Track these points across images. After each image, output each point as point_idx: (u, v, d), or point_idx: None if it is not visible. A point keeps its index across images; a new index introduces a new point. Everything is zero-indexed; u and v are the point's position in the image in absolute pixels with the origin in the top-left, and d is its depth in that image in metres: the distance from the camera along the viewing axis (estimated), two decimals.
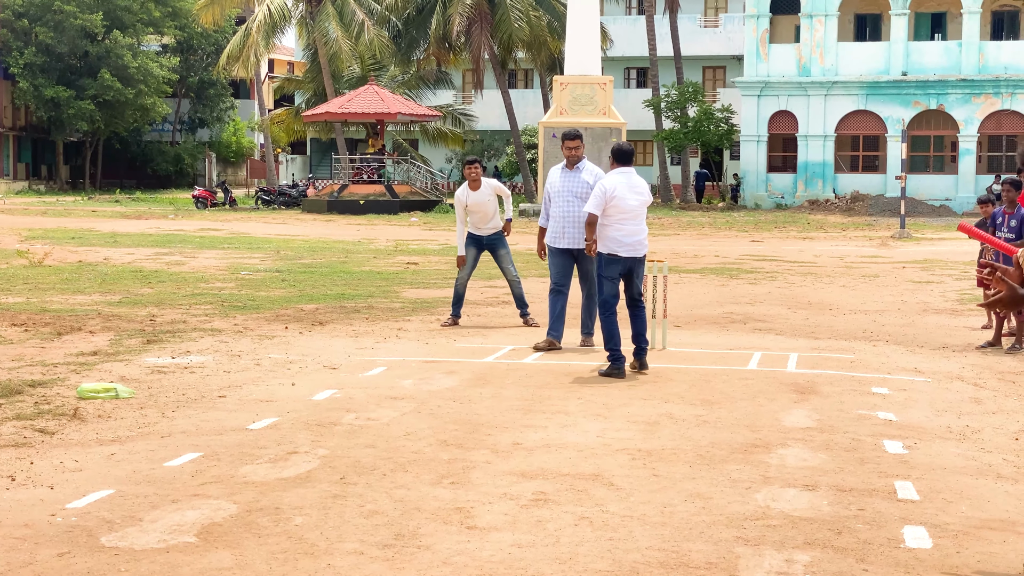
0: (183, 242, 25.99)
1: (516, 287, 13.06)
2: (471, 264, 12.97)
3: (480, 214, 12.81)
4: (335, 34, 46.58)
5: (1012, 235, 11.76)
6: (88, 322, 12.59)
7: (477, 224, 12.89)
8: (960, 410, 8.54)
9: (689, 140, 46.72)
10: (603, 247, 9.93)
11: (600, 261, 10.01)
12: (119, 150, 66.05)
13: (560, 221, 11.07)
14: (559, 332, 11.15)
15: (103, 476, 6.43)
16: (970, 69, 44.17)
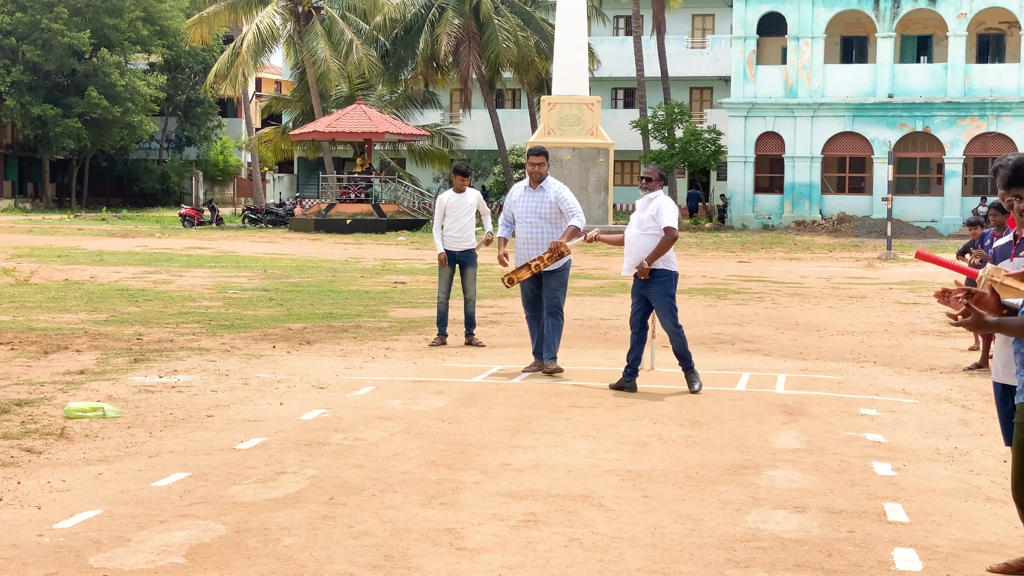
0: (170, 261, 25.93)
1: (470, 306, 13.03)
2: (448, 281, 12.97)
3: (458, 223, 12.79)
4: (323, 53, 46.63)
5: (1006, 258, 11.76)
6: (75, 341, 12.54)
7: (452, 235, 12.86)
8: (948, 432, 8.55)
9: (676, 161, 46.82)
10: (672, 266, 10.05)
11: (673, 282, 10.04)
12: (106, 168, 65.95)
13: (524, 243, 10.95)
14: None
15: (91, 496, 6.40)
16: (956, 91, 44.39)
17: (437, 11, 47.76)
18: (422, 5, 49.01)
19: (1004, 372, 5.35)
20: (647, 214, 10.05)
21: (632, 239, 10.12)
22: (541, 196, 10.91)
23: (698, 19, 61.32)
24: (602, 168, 38.97)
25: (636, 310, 10.16)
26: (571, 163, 39.03)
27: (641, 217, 10.09)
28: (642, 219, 10.08)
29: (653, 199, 10.13)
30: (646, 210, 10.08)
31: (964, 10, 44.16)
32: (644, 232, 10.03)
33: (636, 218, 10.15)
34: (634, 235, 10.10)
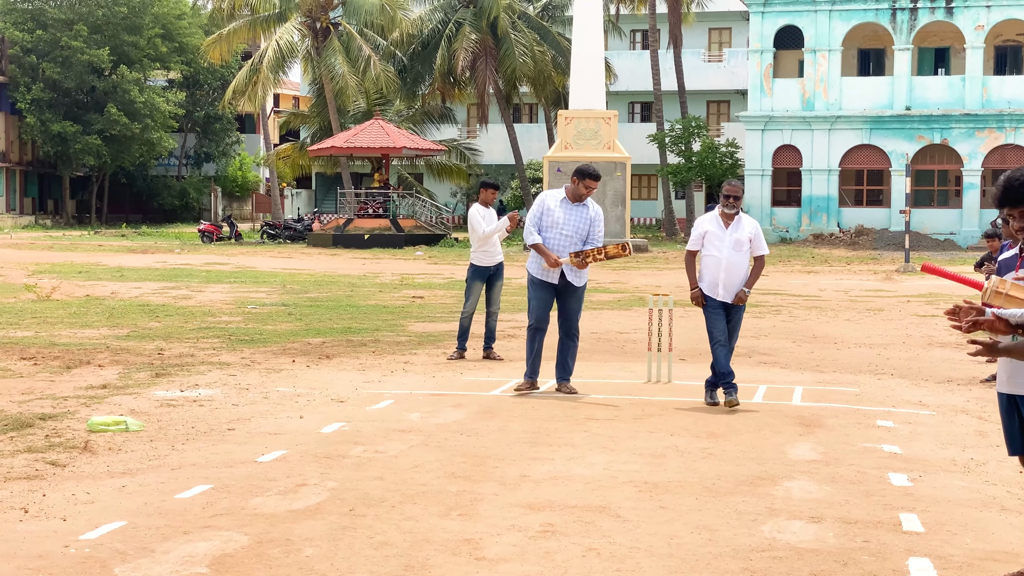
0: (189, 276, 26.09)
1: (494, 319, 13.13)
2: (476, 297, 13.05)
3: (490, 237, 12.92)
4: (341, 69, 46.86)
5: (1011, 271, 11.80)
6: (97, 356, 12.67)
7: (485, 250, 12.96)
8: (965, 443, 8.58)
9: (693, 175, 46.87)
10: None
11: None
12: (125, 184, 66.33)
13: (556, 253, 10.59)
14: (537, 371, 10.72)
15: (115, 508, 6.49)
16: (973, 104, 44.35)
17: (454, 27, 47.96)
18: (439, 21, 49.23)
19: (1009, 383, 5.39)
20: (744, 235, 9.93)
21: (730, 261, 9.90)
22: (582, 212, 10.56)
23: (715, 32, 61.44)
24: (619, 182, 39.04)
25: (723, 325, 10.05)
26: None
27: (737, 238, 9.92)
28: (740, 240, 9.93)
29: (741, 219, 10.01)
30: (739, 230, 9.94)
31: (981, 22, 44.13)
32: (744, 254, 9.95)
33: (730, 238, 9.93)
34: (731, 257, 9.90)
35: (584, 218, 10.62)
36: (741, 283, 9.96)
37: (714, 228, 10.02)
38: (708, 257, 10.03)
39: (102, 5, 59.09)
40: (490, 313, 13.11)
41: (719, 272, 9.94)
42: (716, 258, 9.94)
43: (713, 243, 9.99)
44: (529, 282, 10.70)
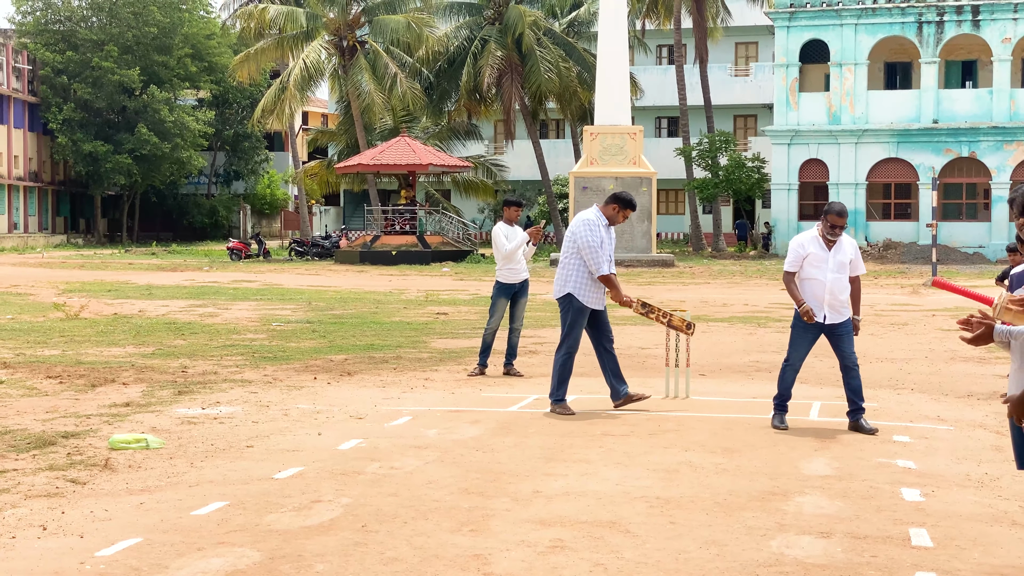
0: (217, 294, 26.29)
1: (516, 336, 13.21)
2: (501, 313, 13.12)
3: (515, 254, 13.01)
4: (367, 87, 47.14)
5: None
6: (121, 374, 12.81)
7: (512, 267, 13.05)
8: (980, 458, 8.58)
9: (721, 189, 46.88)
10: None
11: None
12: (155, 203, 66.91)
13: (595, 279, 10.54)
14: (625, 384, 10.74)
15: (132, 525, 6.59)
16: (1001, 116, 44.17)
17: (480, 43, 48.18)
18: (465, 38, 49.47)
19: None
20: (846, 257, 9.76)
21: (836, 283, 9.73)
22: (611, 234, 10.67)
23: (741, 47, 61.49)
24: (645, 197, 39.08)
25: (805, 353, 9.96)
26: None
27: (840, 260, 9.75)
28: (843, 262, 9.76)
29: (843, 240, 9.84)
30: (841, 252, 9.77)
31: (1008, 35, 43.98)
32: (844, 275, 9.75)
33: (833, 260, 9.76)
34: (835, 279, 9.72)
35: (613, 239, 10.74)
36: (844, 304, 9.75)
37: (816, 250, 9.79)
38: (810, 280, 9.78)
39: (132, 26, 59.70)
40: (513, 329, 13.19)
41: (824, 294, 9.76)
42: (820, 281, 9.76)
43: (816, 265, 9.77)
44: (577, 310, 10.51)
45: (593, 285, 10.49)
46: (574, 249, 10.52)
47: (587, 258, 10.41)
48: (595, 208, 10.71)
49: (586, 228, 10.49)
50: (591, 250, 10.40)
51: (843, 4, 45.18)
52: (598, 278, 10.47)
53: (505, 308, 13.14)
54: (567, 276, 10.57)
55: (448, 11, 51.41)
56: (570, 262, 10.56)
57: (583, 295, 10.49)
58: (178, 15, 61.43)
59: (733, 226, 55.32)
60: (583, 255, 10.45)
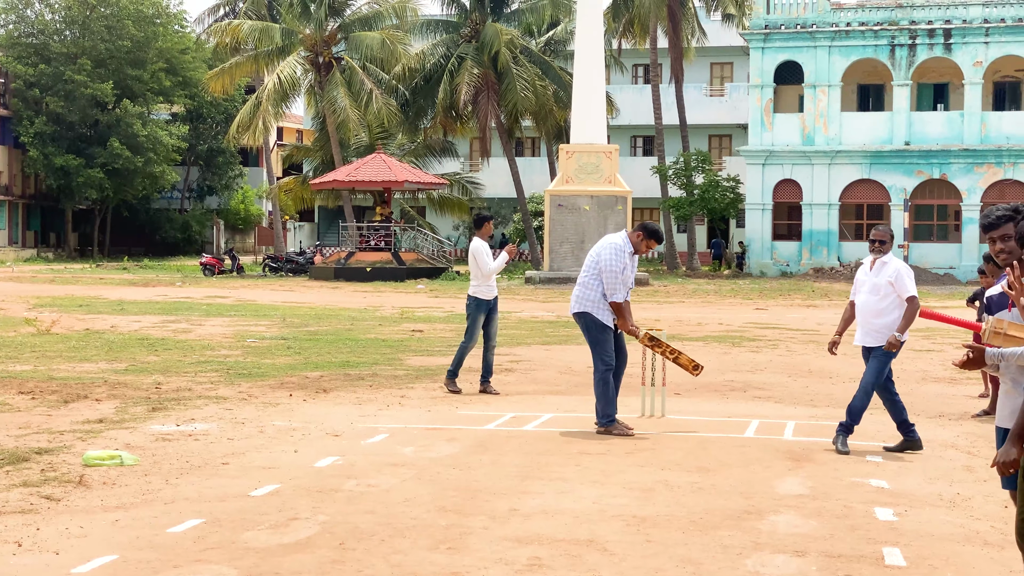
0: (190, 310, 26.20)
1: (492, 353, 13.24)
2: (479, 330, 13.15)
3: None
4: (343, 103, 47.14)
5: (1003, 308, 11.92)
6: (94, 390, 12.75)
7: (488, 283, 13.10)
8: (952, 478, 8.65)
9: (696, 208, 47.07)
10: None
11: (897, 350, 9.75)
12: (127, 218, 66.59)
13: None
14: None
15: (107, 542, 6.57)
16: (972, 139, 44.56)
17: (456, 61, 48.27)
18: (441, 55, 49.54)
19: (1011, 419, 5.40)
20: (883, 279, 9.75)
21: (866, 305, 9.80)
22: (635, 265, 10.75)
23: (716, 67, 61.83)
24: (620, 216, 39.19)
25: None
26: (589, 211, 39.29)
27: (876, 282, 9.77)
28: (878, 284, 9.76)
29: (888, 263, 9.84)
30: (881, 274, 9.78)
31: (980, 58, 44.40)
32: (881, 298, 9.73)
33: (870, 282, 9.83)
34: (869, 301, 9.79)
35: (635, 268, 10.80)
36: (881, 327, 9.70)
37: (861, 274, 9.97)
38: (855, 303, 9.97)
39: (106, 39, 59.50)
40: (489, 347, 13.21)
41: (859, 316, 9.89)
42: (858, 303, 9.93)
43: (859, 288, 9.93)
44: (598, 327, 10.53)
45: (606, 305, 10.53)
46: (595, 271, 10.54)
47: (606, 281, 10.45)
48: (624, 234, 10.72)
49: (612, 252, 10.51)
50: (612, 275, 10.44)
51: (817, 26, 45.52)
52: (609, 303, 10.48)
53: (481, 323, 13.18)
54: (585, 295, 10.57)
55: (425, 28, 51.49)
56: (590, 282, 10.58)
57: (600, 314, 10.53)
58: (152, 29, 61.25)
59: (708, 245, 55.56)
60: (603, 277, 10.47)
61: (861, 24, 45.37)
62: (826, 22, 45.57)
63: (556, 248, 39.70)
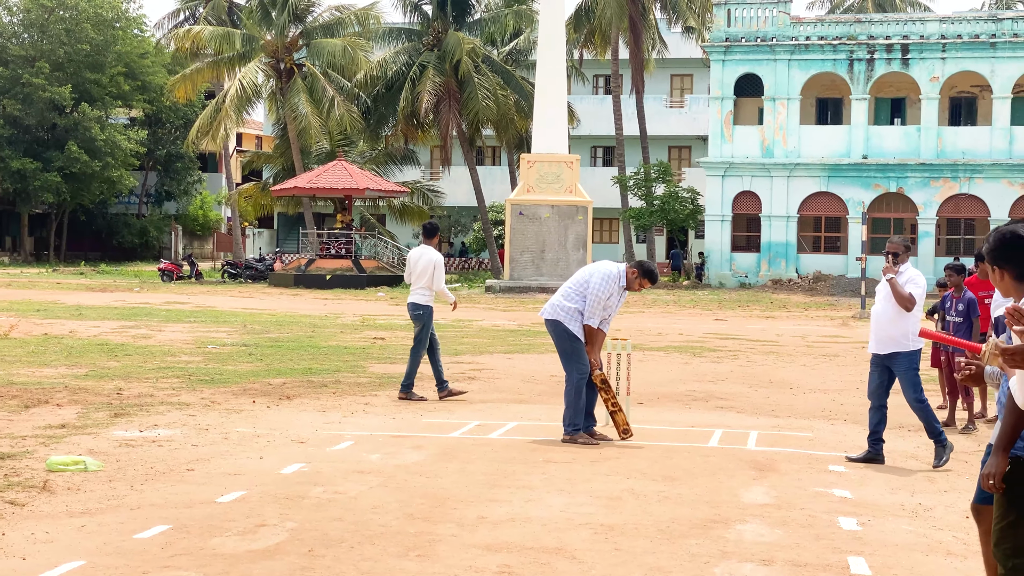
0: (149, 315, 26.03)
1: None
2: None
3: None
4: (304, 109, 47.01)
5: (960, 318, 12.11)
6: (55, 395, 12.66)
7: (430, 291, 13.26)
8: (914, 488, 8.75)
9: (656, 219, 47.27)
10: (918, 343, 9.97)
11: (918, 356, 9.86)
12: (85, 222, 66.03)
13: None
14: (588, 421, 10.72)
15: (74, 548, 6.53)
16: (929, 153, 45.01)
17: (418, 69, 48.26)
18: (403, 63, 49.51)
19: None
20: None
21: (881, 313, 9.90)
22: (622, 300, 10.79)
23: (676, 79, 62.13)
24: (581, 226, 39.32)
25: (879, 383, 9.95)
26: (550, 221, 39.38)
27: (888, 291, 9.92)
28: (888, 293, 9.91)
29: (903, 272, 9.99)
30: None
31: (936, 74, 44.88)
32: (894, 305, 9.81)
33: (884, 291, 9.98)
34: (884, 309, 9.90)
35: (622, 302, 10.81)
36: (895, 335, 9.80)
37: (879, 283, 10.15)
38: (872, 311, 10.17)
39: (65, 43, 59.04)
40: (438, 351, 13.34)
41: (872, 324, 10.05)
42: (872, 312, 10.08)
43: (876, 297, 10.13)
44: (569, 336, 10.51)
45: (578, 321, 10.53)
46: (582, 290, 10.54)
47: (589, 304, 10.47)
48: (624, 267, 10.67)
49: (602, 279, 10.52)
50: (595, 300, 10.47)
51: (777, 40, 45.86)
52: (583, 325, 10.50)
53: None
54: (561, 304, 10.57)
55: (387, 36, 51.43)
56: (571, 295, 10.57)
57: (571, 325, 10.53)
58: (112, 33, 60.81)
59: (668, 255, 55.80)
60: (588, 299, 10.49)
61: (820, 38, 45.76)
62: (786, 36, 45.92)
63: (517, 257, 39.76)
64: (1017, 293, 4.85)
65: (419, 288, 13.29)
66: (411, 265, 13.39)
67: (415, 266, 13.34)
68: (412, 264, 13.37)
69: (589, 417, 10.64)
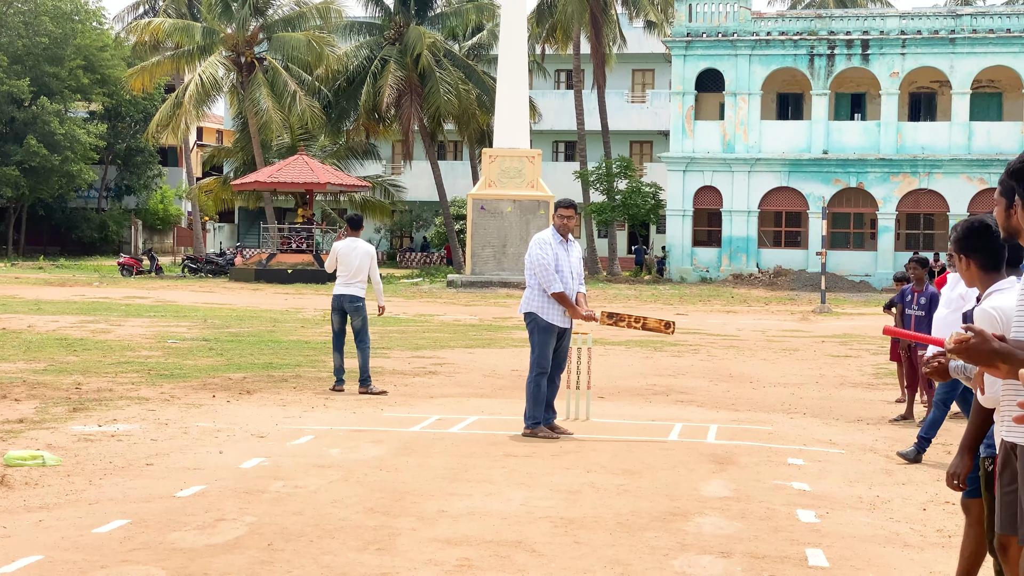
0: (108, 310, 25.85)
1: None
2: None
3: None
4: (265, 104, 46.77)
5: (921, 312, 12.19)
6: (13, 390, 12.56)
7: (365, 282, 13.46)
8: (872, 481, 8.83)
9: (617, 214, 47.39)
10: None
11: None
12: (43, 216, 65.40)
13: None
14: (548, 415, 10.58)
15: (31, 542, 6.49)
16: (888, 149, 45.35)
17: (379, 63, 48.13)
18: (364, 57, 49.37)
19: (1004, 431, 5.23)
20: (956, 293, 9.91)
21: (941, 319, 9.91)
22: (573, 250, 10.60)
23: (638, 74, 62.27)
24: (542, 220, 39.32)
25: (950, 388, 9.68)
26: (512, 215, 39.40)
27: (951, 296, 9.92)
28: (951, 298, 9.91)
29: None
30: (956, 288, 9.92)
31: (896, 69, 45.22)
32: (953, 311, 9.79)
33: (945, 296, 9.99)
34: (943, 314, 9.92)
35: (576, 256, 10.69)
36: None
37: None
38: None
39: (23, 35, 58.48)
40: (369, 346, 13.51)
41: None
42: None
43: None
44: (540, 328, 10.45)
45: (553, 302, 10.47)
46: (529, 268, 10.53)
47: (538, 276, 10.41)
48: (551, 227, 10.66)
49: (536, 247, 10.49)
50: (542, 268, 10.39)
51: (738, 35, 46.06)
52: (551, 296, 10.43)
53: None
54: (531, 295, 10.55)
55: (348, 30, 51.26)
56: (531, 282, 10.56)
57: (545, 313, 10.47)
58: (71, 26, 60.27)
59: (629, 251, 55.96)
60: (535, 273, 10.43)
61: (781, 34, 46.00)
62: (747, 31, 46.13)
63: (478, 252, 39.76)
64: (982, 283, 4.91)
65: (356, 281, 13.34)
66: (344, 257, 13.33)
67: (349, 259, 13.31)
68: (345, 256, 13.33)
69: (549, 409, 10.64)
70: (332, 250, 13.47)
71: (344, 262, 13.32)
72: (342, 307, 13.37)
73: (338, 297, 13.40)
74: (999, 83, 46.37)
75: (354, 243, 13.42)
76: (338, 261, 13.36)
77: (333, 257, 13.40)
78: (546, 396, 10.57)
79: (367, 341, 13.28)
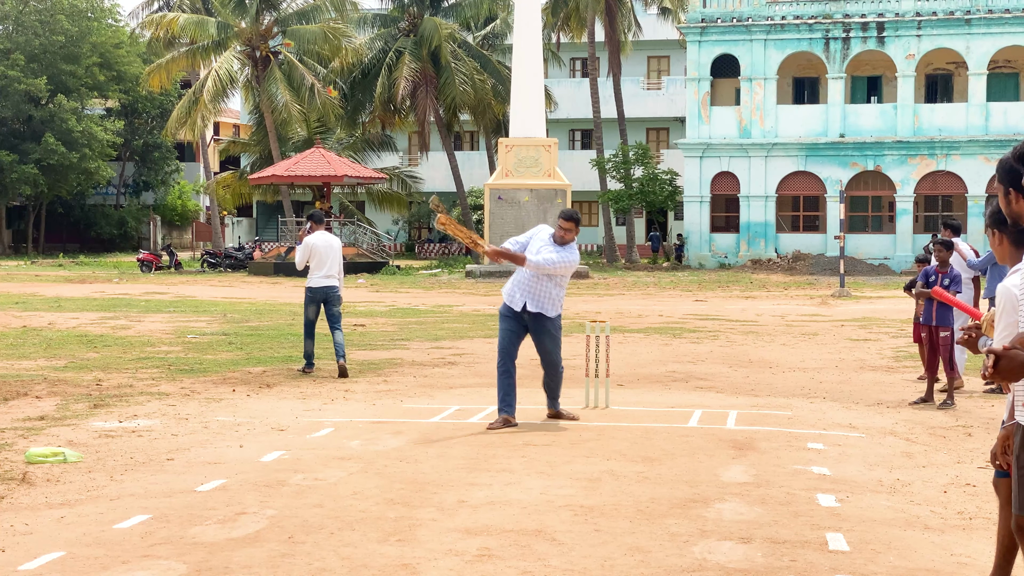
0: (128, 306, 25.95)
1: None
2: None
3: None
4: (282, 97, 46.84)
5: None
6: (34, 387, 12.62)
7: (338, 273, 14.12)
8: (892, 464, 8.80)
9: (635, 201, 47.34)
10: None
11: None
12: (62, 214, 65.72)
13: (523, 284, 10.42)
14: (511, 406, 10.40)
15: (54, 539, 6.52)
16: (905, 131, 45.16)
17: (394, 55, 48.16)
18: (380, 49, 49.41)
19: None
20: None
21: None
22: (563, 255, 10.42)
23: (653, 61, 62.13)
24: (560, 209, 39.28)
25: None
26: (529, 204, 39.38)
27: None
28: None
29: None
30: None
31: (912, 51, 45.01)
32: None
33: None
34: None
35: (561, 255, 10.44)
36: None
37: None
38: None
39: (39, 34, 58.71)
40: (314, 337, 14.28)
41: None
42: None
43: None
44: (500, 314, 10.56)
45: (512, 284, 10.50)
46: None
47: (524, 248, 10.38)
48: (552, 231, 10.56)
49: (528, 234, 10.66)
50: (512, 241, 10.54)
51: (753, 20, 45.92)
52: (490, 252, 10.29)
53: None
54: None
55: (362, 22, 51.31)
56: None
57: (507, 299, 10.49)
58: (86, 24, 60.48)
59: (647, 238, 55.90)
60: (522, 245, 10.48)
61: (796, 18, 45.83)
62: (761, 16, 45.98)
63: (496, 242, 39.71)
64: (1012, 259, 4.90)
65: (333, 273, 14.11)
66: (319, 250, 14.03)
67: (325, 252, 14.05)
68: (321, 249, 14.02)
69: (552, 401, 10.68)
70: (304, 245, 14.03)
71: (320, 256, 14.03)
72: (323, 299, 14.09)
73: (321, 290, 14.11)
74: (1016, 63, 46.13)
75: (325, 237, 14.15)
76: (312, 255, 14.02)
77: (307, 252, 14.02)
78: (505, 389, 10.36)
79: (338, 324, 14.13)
